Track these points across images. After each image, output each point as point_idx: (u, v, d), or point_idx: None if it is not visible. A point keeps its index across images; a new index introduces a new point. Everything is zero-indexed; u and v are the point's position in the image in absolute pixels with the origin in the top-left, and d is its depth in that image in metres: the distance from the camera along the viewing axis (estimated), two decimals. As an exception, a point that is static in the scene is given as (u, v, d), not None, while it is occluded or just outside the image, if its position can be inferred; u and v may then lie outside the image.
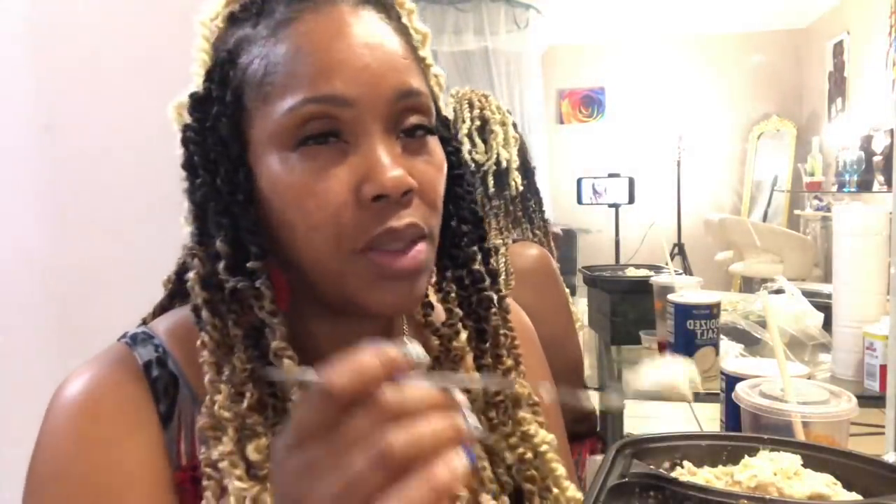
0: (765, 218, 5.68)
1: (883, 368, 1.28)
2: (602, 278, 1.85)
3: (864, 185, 4.20)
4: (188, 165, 0.52)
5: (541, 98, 4.77)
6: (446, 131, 0.57)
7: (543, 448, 0.58)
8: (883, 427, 1.21)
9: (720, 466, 0.59)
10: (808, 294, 1.68)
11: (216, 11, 0.55)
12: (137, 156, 1.39)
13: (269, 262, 0.52)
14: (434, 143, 0.53)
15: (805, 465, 0.55)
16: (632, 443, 0.58)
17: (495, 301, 0.60)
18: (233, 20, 0.53)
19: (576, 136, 6.18)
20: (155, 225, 1.40)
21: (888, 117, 4.14)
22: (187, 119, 0.54)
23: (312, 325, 0.55)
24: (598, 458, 0.70)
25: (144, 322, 0.63)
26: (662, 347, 1.55)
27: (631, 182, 5.20)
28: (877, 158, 4.09)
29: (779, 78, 5.93)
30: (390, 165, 0.48)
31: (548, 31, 4.77)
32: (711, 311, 1.37)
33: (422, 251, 0.51)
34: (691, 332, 1.37)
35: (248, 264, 0.50)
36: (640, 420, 3.38)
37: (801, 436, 0.66)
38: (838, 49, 5.10)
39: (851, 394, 0.72)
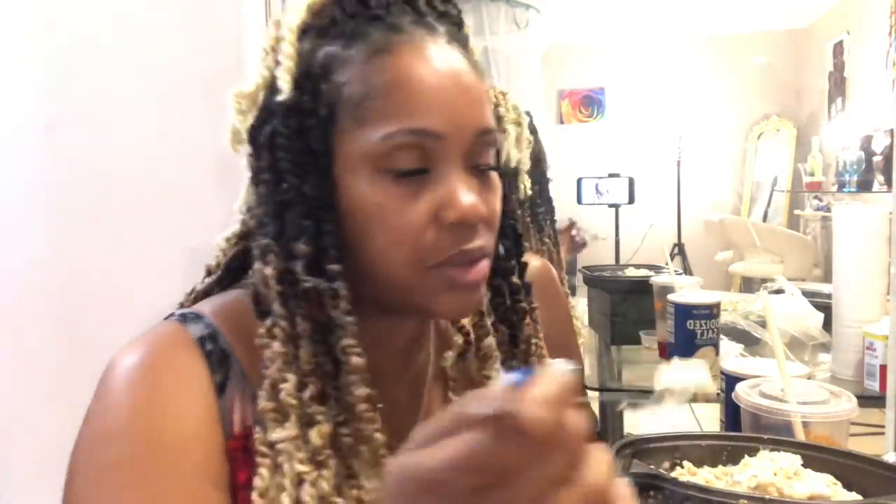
0: (765, 218, 5.68)
1: (883, 368, 1.28)
2: (602, 278, 1.85)
3: (864, 185, 4.20)
4: (275, 168, 0.55)
5: (541, 98, 4.76)
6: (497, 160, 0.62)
7: None
8: (883, 427, 1.21)
9: (720, 466, 0.59)
10: (808, 294, 1.68)
11: (298, 22, 0.56)
12: (137, 156, 1.39)
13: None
14: (496, 176, 0.59)
15: (805, 465, 0.55)
16: (632, 443, 0.58)
17: (529, 311, 0.67)
18: (319, 34, 0.56)
19: (576, 136, 6.18)
20: (154, 224, 1.40)
21: (888, 117, 4.13)
22: (249, 119, 0.58)
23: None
24: None
25: (182, 305, 0.66)
26: (662, 347, 1.55)
27: (631, 182, 5.20)
28: (877, 158, 4.09)
29: (779, 78, 5.93)
30: (468, 196, 0.54)
31: (548, 31, 4.76)
32: (711, 311, 1.37)
33: (485, 267, 0.57)
34: (691, 332, 1.37)
35: (330, 266, 0.54)
36: (641, 420, 3.38)
37: (801, 436, 0.66)
38: (838, 49, 5.10)
39: (851, 394, 0.72)
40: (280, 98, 0.55)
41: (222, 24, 1.34)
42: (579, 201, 5.25)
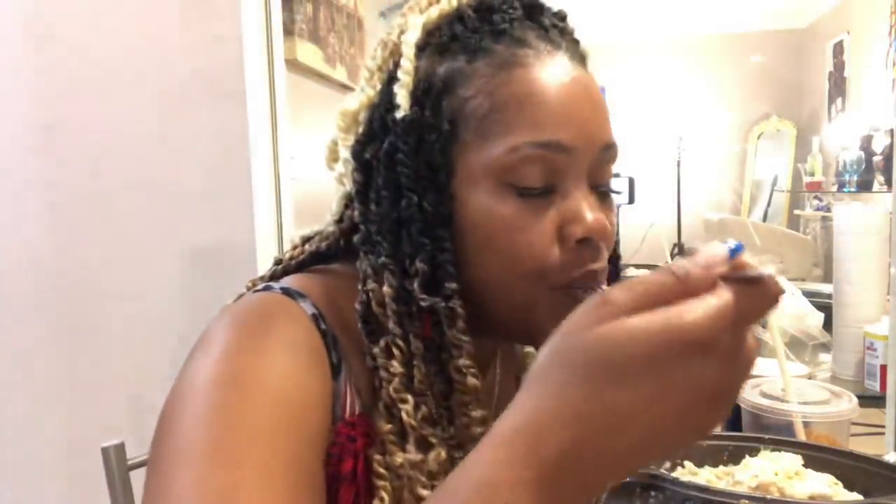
0: (765, 218, 5.68)
1: (883, 368, 1.28)
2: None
3: (864, 185, 4.19)
4: (392, 185, 0.54)
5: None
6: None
7: None
8: (883, 427, 1.21)
9: (721, 466, 0.59)
10: (808, 294, 1.67)
11: (417, 40, 0.56)
12: (137, 156, 1.39)
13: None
14: (612, 197, 0.59)
15: (806, 465, 0.55)
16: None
17: None
18: (440, 51, 0.55)
19: (576, 136, 6.18)
20: (154, 224, 1.40)
21: (888, 117, 4.13)
22: (351, 138, 0.57)
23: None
24: None
25: (273, 278, 0.62)
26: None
27: (631, 182, 5.20)
28: (877, 158, 4.09)
29: (779, 78, 5.93)
30: (594, 212, 0.53)
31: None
32: (711, 311, 1.37)
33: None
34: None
35: (448, 285, 0.52)
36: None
37: (801, 436, 0.66)
38: (838, 49, 5.10)
39: (851, 394, 0.72)
40: (398, 114, 0.54)
41: (222, 24, 1.34)
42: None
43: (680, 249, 5.41)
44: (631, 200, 5.25)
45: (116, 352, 1.38)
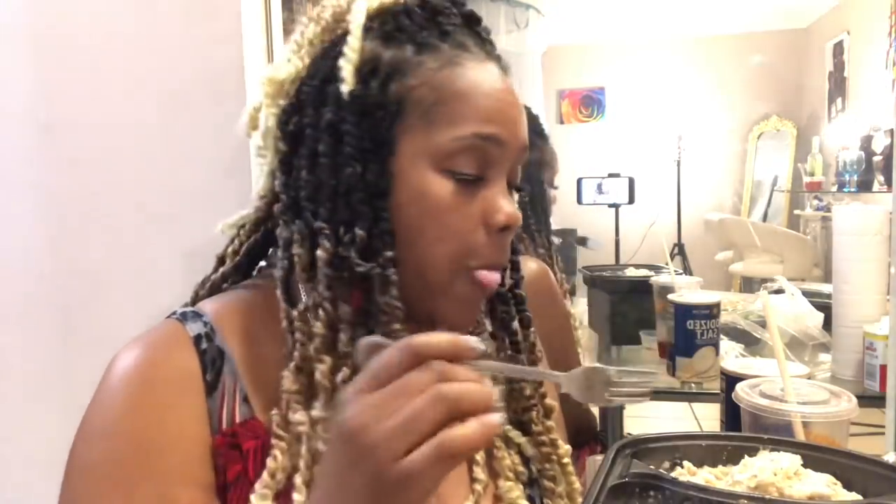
0: (765, 218, 5.68)
1: (883, 368, 1.28)
2: (602, 278, 1.85)
3: (864, 185, 4.20)
4: (335, 153, 0.57)
5: (541, 98, 4.76)
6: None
7: (566, 460, 0.67)
8: (883, 427, 1.21)
9: (720, 466, 0.59)
10: (808, 294, 1.68)
11: (363, 22, 0.59)
12: (137, 156, 1.39)
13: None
14: (514, 195, 0.64)
15: (805, 465, 0.55)
16: (632, 443, 0.58)
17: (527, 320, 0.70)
18: (385, 37, 0.59)
19: (576, 136, 6.19)
20: (154, 225, 1.40)
21: (888, 117, 4.14)
22: (280, 102, 0.61)
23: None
24: (598, 458, 0.71)
25: (196, 297, 0.69)
26: (662, 347, 1.55)
27: (631, 182, 5.20)
28: (877, 158, 4.09)
29: (779, 78, 5.93)
30: (512, 205, 0.60)
31: (548, 31, 4.76)
32: (711, 311, 1.37)
33: (499, 277, 0.62)
34: (691, 332, 1.37)
35: (385, 253, 0.56)
36: (640, 420, 3.38)
37: (801, 436, 0.66)
38: (838, 49, 5.10)
39: (851, 394, 0.72)
40: (344, 88, 0.57)
41: (222, 24, 1.34)
42: (579, 201, 5.26)
43: (680, 249, 5.42)
44: (631, 200, 5.26)
45: (116, 351, 1.38)
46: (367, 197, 0.56)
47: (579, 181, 5.25)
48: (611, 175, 5.25)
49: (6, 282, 1.43)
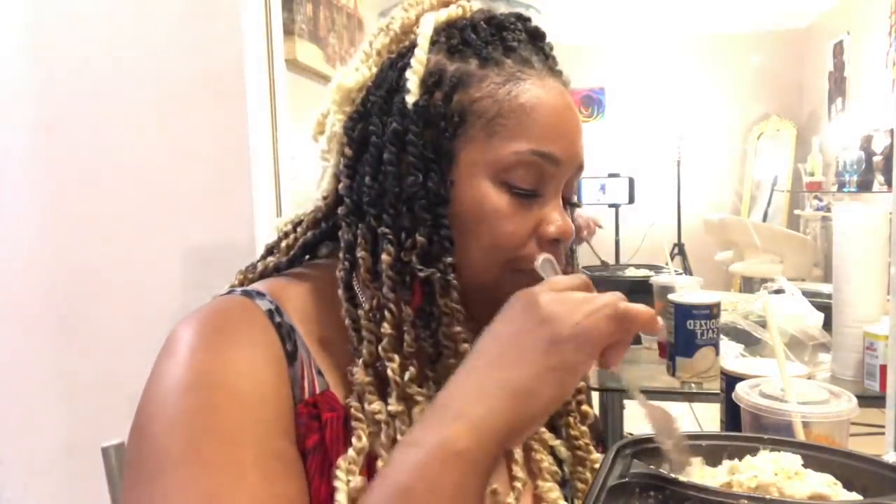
0: (765, 218, 5.68)
1: (883, 368, 1.28)
2: (602, 278, 1.85)
3: (864, 185, 4.20)
4: (398, 161, 0.59)
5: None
6: None
7: (597, 465, 0.69)
8: (883, 427, 1.21)
9: (720, 466, 0.59)
10: (808, 294, 1.68)
11: (431, 34, 0.62)
12: (137, 156, 1.39)
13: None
14: (570, 210, 0.67)
15: (805, 465, 0.55)
16: (632, 443, 0.58)
17: None
18: (450, 50, 0.62)
19: (576, 136, 6.17)
20: (154, 226, 1.40)
21: (888, 117, 4.14)
22: (347, 109, 0.63)
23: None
24: (598, 457, 0.72)
25: (245, 280, 0.68)
26: (662, 347, 1.55)
27: (631, 182, 5.20)
28: (877, 158, 4.09)
29: (779, 78, 5.93)
30: (565, 219, 0.63)
31: (548, 31, 4.76)
32: (711, 311, 1.37)
33: None
34: (691, 332, 1.37)
35: (445, 259, 0.59)
36: (641, 420, 3.38)
37: (801, 436, 0.66)
38: (838, 49, 5.10)
39: (851, 394, 0.72)
40: (410, 98, 0.60)
41: (222, 24, 1.34)
42: (579, 201, 5.25)
43: (680, 249, 5.42)
44: (631, 200, 5.25)
45: (116, 352, 1.38)
46: (427, 205, 0.59)
47: (579, 181, 5.24)
48: (611, 175, 5.25)
49: (6, 282, 1.43)
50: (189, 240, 1.38)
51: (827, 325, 1.52)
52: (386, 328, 0.58)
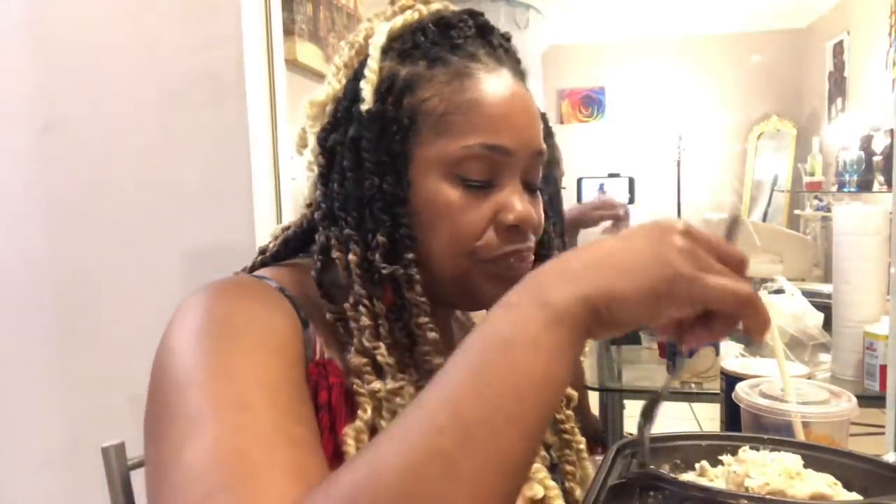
0: (765, 218, 5.67)
1: (883, 368, 1.28)
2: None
3: (864, 185, 4.19)
4: (357, 167, 0.63)
5: (541, 98, 4.76)
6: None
7: (582, 446, 0.73)
8: (883, 427, 1.22)
9: (720, 466, 0.59)
10: (808, 294, 1.68)
11: (382, 44, 0.65)
12: (137, 156, 1.39)
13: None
14: (539, 194, 0.68)
15: (805, 466, 0.55)
16: (632, 443, 0.58)
17: None
18: (401, 55, 0.64)
19: (576, 136, 6.18)
20: (154, 224, 1.40)
21: (888, 117, 4.14)
22: (323, 121, 0.66)
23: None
24: (598, 458, 0.72)
25: (252, 269, 0.72)
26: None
27: (631, 182, 5.20)
28: (877, 158, 4.09)
29: (779, 78, 5.93)
30: (524, 205, 0.64)
31: (548, 31, 4.76)
32: (711, 311, 1.37)
33: (528, 267, 0.66)
34: (691, 332, 1.36)
35: (406, 255, 0.62)
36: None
37: (801, 436, 0.66)
38: (838, 49, 5.10)
39: (851, 394, 0.72)
40: (364, 107, 0.63)
41: (222, 24, 1.34)
42: (580, 201, 5.25)
43: (680, 249, 5.41)
44: (631, 200, 5.25)
45: (116, 351, 1.38)
46: (385, 206, 0.62)
47: (579, 181, 5.25)
48: (611, 175, 5.25)
49: (6, 282, 1.43)
50: (189, 240, 1.38)
51: (827, 325, 1.52)
52: (364, 321, 0.61)
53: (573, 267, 0.46)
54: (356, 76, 0.65)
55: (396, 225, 0.62)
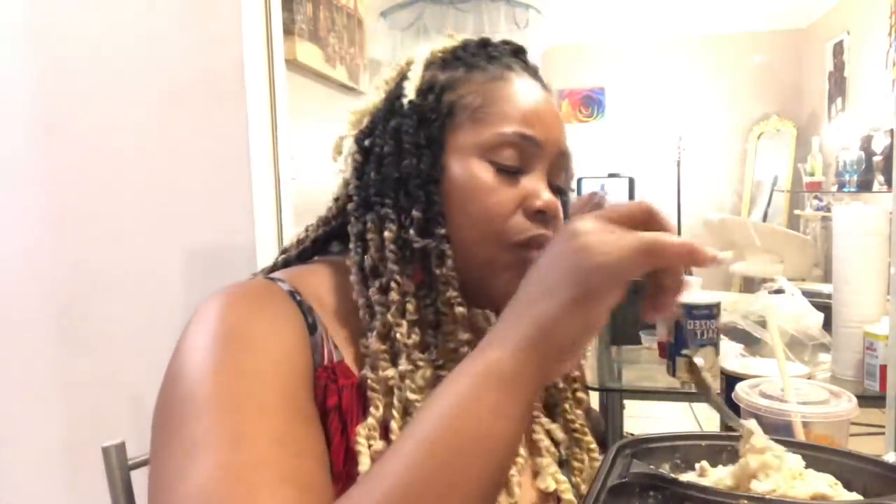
0: (765, 218, 5.68)
1: (883, 368, 1.28)
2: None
3: (864, 185, 4.20)
4: (396, 151, 0.67)
5: (541, 98, 4.75)
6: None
7: (593, 446, 0.75)
8: (883, 427, 1.22)
9: (720, 466, 0.59)
10: (808, 294, 1.68)
11: (428, 57, 0.72)
12: (137, 156, 1.39)
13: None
14: (562, 199, 0.72)
15: (806, 466, 0.55)
16: (632, 443, 0.58)
17: None
18: (443, 65, 0.71)
19: (576, 136, 6.17)
20: (154, 225, 1.40)
21: (888, 117, 4.14)
22: (361, 128, 0.71)
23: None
24: (593, 441, 0.74)
25: (273, 269, 0.74)
26: (662, 347, 1.55)
27: (631, 182, 5.20)
28: (877, 158, 4.10)
29: (779, 78, 5.93)
30: (551, 195, 0.68)
31: (548, 31, 4.76)
32: (711, 311, 1.37)
33: None
34: (691, 332, 1.37)
35: (438, 231, 0.65)
36: (640, 420, 3.38)
37: (801, 436, 0.66)
38: (838, 49, 5.10)
39: (851, 394, 0.72)
40: (405, 100, 0.68)
41: (222, 24, 1.34)
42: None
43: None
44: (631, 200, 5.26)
45: (116, 351, 1.38)
46: (421, 183, 0.65)
47: (579, 181, 5.26)
48: (611, 175, 5.25)
49: (6, 282, 1.43)
50: (189, 240, 1.38)
51: (827, 325, 1.52)
52: (393, 296, 0.64)
53: (506, 335, 0.50)
54: (397, 86, 0.71)
55: (430, 202, 0.65)
